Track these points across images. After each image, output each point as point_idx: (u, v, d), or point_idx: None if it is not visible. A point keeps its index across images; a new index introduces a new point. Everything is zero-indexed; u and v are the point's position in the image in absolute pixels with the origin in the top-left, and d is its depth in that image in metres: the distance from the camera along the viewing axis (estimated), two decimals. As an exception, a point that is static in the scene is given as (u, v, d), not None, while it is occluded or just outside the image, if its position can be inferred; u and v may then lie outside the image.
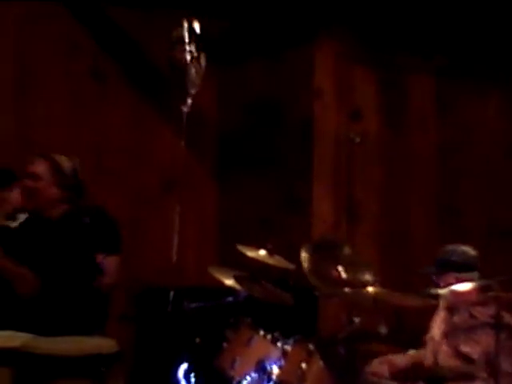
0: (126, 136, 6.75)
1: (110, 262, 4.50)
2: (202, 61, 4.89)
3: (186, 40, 4.77)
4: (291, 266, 4.74)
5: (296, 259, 4.70)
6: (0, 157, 6.14)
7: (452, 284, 4.38)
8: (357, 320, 4.30)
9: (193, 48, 4.70)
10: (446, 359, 4.42)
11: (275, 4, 6.32)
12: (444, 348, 4.50)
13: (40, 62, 6.47)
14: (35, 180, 4.36)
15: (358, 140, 5.64)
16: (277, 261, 4.74)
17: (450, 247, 4.68)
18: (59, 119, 6.54)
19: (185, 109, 4.82)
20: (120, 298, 5.23)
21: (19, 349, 3.70)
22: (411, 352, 4.78)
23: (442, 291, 4.45)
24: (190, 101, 4.82)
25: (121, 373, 3.79)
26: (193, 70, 4.78)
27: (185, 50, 4.76)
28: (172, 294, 5.05)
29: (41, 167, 4.39)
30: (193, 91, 4.71)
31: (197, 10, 6.08)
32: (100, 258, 4.41)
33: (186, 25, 4.81)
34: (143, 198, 6.71)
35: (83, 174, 4.60)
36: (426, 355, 4.61)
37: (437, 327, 4.66)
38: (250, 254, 4.70)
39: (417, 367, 4.55)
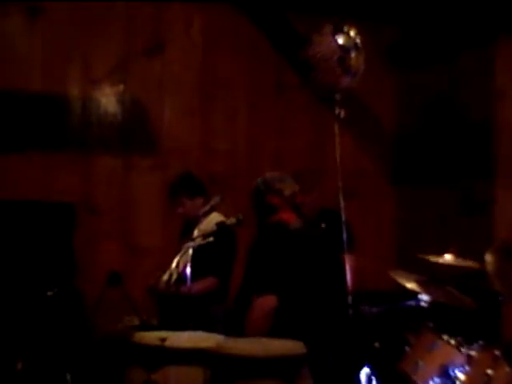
0: (304, 139, 6.84)
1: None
2: (356, 66, 4.74)
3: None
4: (476, 265, 4.63)
5: (477, 263, 4.60)
6: (183, 162, 6.40)
7: None
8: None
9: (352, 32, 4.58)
10: None
11: (453, 7, 6.22)
12: None
13: (224, 73, 6.68)
14: None
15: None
16: (462, 262, 4.65)
17: None
18: (241, 129, 6.73)
19: (339, 114, 4.69)
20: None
21: (213, 349, 3.80)
22: None
23: None
24: (340, 108, 4.67)
25: (309, 375, 3.82)
26: (345, 78, 4.64)
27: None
28: (351, 298, 5.06)
29: None
30: (338, 97, 4.58)
31: (374, 17, 6.12)
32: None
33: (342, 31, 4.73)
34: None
35: None
36: None
37: None
38: (433, 259, 4.64)
39: None
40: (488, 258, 4.47)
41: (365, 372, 4.64)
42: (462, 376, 4.09)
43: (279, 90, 6.84)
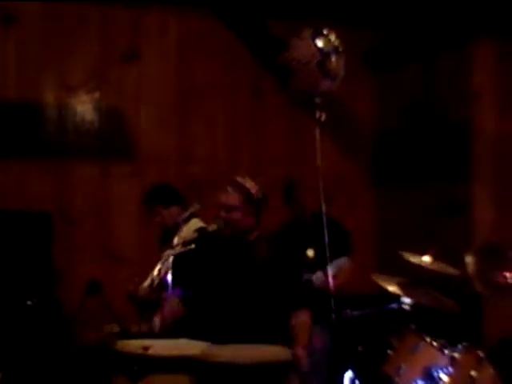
0: (282, 144, 6.85)
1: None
2: (336, 70, 4.73)
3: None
4: (456, 272, 4.64)
5: (457, 265, 4.61)
6: (161, 169, 6.38)
7: None
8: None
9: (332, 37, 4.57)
10: None
11: (429, 9, 6.24)
12: None
13: (201, 79, 6.67)
14: (230, 212, 4.46)
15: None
16: (440, 267, 4.66)
17: None
18: (219, 135, 6.72)
19: (320, 117, 4.66)
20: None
21: (198, 357, 3.78)
22: None
23: None
24: (321, 110, 4.65)
25: (296, 381, 3.81)
26: (325, 82, 4.62)
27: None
28: (333, 301, 5.05)
29: (234, 200, 4.47)
30: (318, 101, 4.57)
31: (351, 22, 6.13)
32: None
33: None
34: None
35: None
36: None
37: None
38: (413, 260, 4.64)
39: None
40: (468, 259, 4.48)
41: (348, 375, 4.63)
42: (445, 378, 4.10)
43: (257, 95, 6.84)
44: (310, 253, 5.34)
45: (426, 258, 4.60)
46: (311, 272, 5.34)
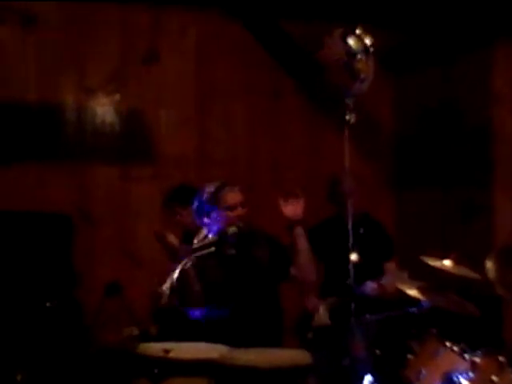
0: (302, 149, 6.85)
1: None
2: (363, 71, 4.72)
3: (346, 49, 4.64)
4: (476, 276, 4.62)
5: (478, 269, 4.59)
6: (182, 172, 6.38)
7: None
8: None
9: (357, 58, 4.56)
10: None
11: (449, 11, 6.22)
12: None
13: (220, 80, 6.67)
14: (245, 207, 4.56)
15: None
16: (461, 271, 4.63)
17: None
18: (238, 136, 6.72)
19: (349, 119, 4.67)
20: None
21: (217, 360, 3.78)
22: None
23: None
24: (351, 112, 4.66)
25: (314, 384, 3.82)
26: (353, 83, 4.61)
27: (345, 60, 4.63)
28: (353, 305, 5.04)
29: (242, 196, 4.60)
30: (348, 102, 4.56)
31: (370, 22, 6.08)
32: None
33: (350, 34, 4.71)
34: (319, 210, 6.75)
35: None
36: None
37: None
38: (434, 264, 4.62)
39: None
40: (488, 264, 4.46)
41: (368, 380, 4.61)
42: (466, 383, 4.07)
43: (276, 96, 6.84)
44: (354, 257, 5.27)
45: (447, 262, 4.58)
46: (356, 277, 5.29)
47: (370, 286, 5.37)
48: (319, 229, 5.68)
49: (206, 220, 4.59)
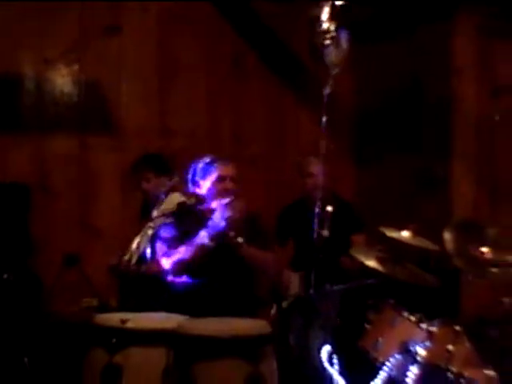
0: (264, 121, 6.84)
1: None
2: (343, 41, 4.79)
3: (324, 19, 4.70)
4: (435, 247, 4.65)
5: (436, 240, 4.63)
6: (142, 143, 6.35)
7: None
8: (506, 301, 4.20)
9: (332, 27, 4.62)
10: None
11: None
12: None
13: (181, 52, 6.62)
14: (236, 183, 4.68)
15: (497, 118, 5.50)
16: (420, 242, 4.66)
17: None
18: (200, 109, 6.69)
19: (326, 90, 4.76)
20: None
21: (176, 330, 3.79)
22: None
23: None
24: (330, 82, 4.75)
25: (273, 353, 3.82)
26: (332, 51, 4.70)
27: (322, 29, 4.68)
28: (313, 276, 5.08)
29: (236, 171, 4.71)
30: (333, 72, 4.64)
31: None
32: None
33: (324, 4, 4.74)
34: (281, 182, 6.77)
35: None
36: None
37: None
38: (393, 235, 4.64)
39: None
40: (446, 235, 4.50)
41: (326, 350, 4.64)
42: (422, 352, 4.11)
43: (238, 69, 6.80)
44: (325, 232, 5.43)
45: (406, 234, 4.61)
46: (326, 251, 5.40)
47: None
48: (290, 208, 5.85)
49: (197, 191, 4.63)
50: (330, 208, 5.49)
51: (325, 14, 4.54)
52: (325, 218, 5.43)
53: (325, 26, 4.53)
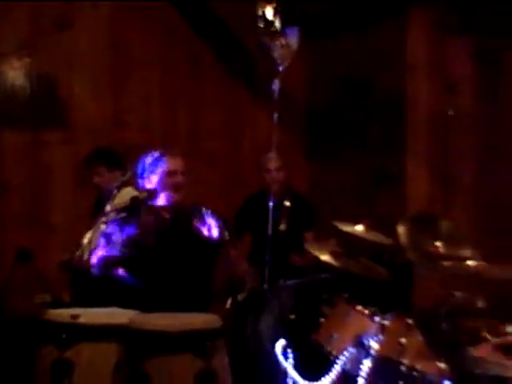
0: (219, 117, 6.83)
1: None
2: (291, 37, 4.82)
3: (270, 17, 4.74)
4: (388, 241, 4.68)
5: (390, 235, 4.65)
6: (94, 138, 6.30)
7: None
8: (458, 294, 4.22)
9: (277, 24, 4.65)
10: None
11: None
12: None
13: (135, 46, 6.60)
14: (183, 176, 4.66)
15: (451, 113, 5.55)
16: (373, 236, 4.69)
17: None
18: (154, 104, 6.65)
19: (274, 86, 4.79)
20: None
21: (127, 325, 3.78)
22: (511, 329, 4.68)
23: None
24: (277, 78, 4.78)
25: (224, 348, 3.83)
26: (279, 47, 4.73)
27: (269, 27, 4.72)
28: (267, 271, 5.10)
29: (184, 164, 4.71)
30: (280, 68, 4.66)
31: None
32: None
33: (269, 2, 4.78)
34: (237, 177, 6.77)
35: None
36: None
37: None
38: (346, 229, 4.66)
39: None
40: (400, 229, 4.52)
41: (280, 344, 4.65)
42: (375, 345, 4.13)
43: (193, 64, 6.78)
44: (282, 227, 5.49)
45: (359, 228, 4.63)
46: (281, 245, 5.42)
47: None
48: (249, 202, 5.90)
49: (147, 185, 4.61)
50: (287, 203, 5.56)
51: (269, 11, 4.55)
52: (282, 213, 5.49)
53: (270, 22, 4.54)
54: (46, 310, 4.17)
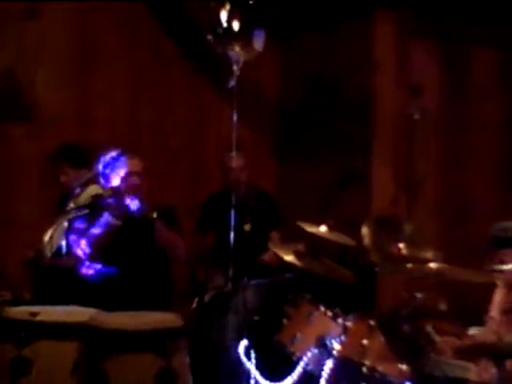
0: (185, 114, 6.81)
1: None
2: (255, 39, 4.81)
3: (224, 19, 4.75)
4: (352, 242, 4.69)
5: (355, 235, 4.66)
6: (60, 132, 6.23)
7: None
8: (419, 296, 4.24)
9: (234, 25, 4.66)
10: (507, 337, 4.34)
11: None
12: (504, 326, 4.42)
13: (102, 39, 6.54)
14: (139, 177, 4.74)
15: (416, 116, 5.59)
16: (337, 237, 4.69)
17: (506, 224, 4.58)
18: (120, 98, 6.61)
19: (229, 85, 4.80)
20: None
21: (86, 323, 3.76)
22: (472, 331, 4.71)
23: (506, 267, 4.37)
24: (233, 77, 4.79)
25: (185, 347, 3.81)
26: (235, 48, 4.74)
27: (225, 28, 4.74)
28: (231, 271, 5.08)
29: (141, 165, 4.80)
30: (235, 68, 4.68)
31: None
32: None
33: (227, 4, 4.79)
34: (201, 174, 6.75)
35: None
36: (487, 334, 4.53)
37: (496, 305, 4.57)
38: (310, 230, 4.66)
39: (480, 344, 4.48)
40: (364, 230, 4.53)
41: (243, 344, 4.64)
42: (338, 346, 4.14)
43: (160, 59, 6.75)
44: (247, 227, 5.47)
45: (323, 228, 4.63)
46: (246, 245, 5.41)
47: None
48: (213, 198, 5.88)
49: (108, 184, 4.61)
50: (251, 202, 5.56)
51: (224, 14, 4.57)
52: (247, 213, 5.47)
53: (225, 26, 4.56)
54: (6, 307, 4.14)
